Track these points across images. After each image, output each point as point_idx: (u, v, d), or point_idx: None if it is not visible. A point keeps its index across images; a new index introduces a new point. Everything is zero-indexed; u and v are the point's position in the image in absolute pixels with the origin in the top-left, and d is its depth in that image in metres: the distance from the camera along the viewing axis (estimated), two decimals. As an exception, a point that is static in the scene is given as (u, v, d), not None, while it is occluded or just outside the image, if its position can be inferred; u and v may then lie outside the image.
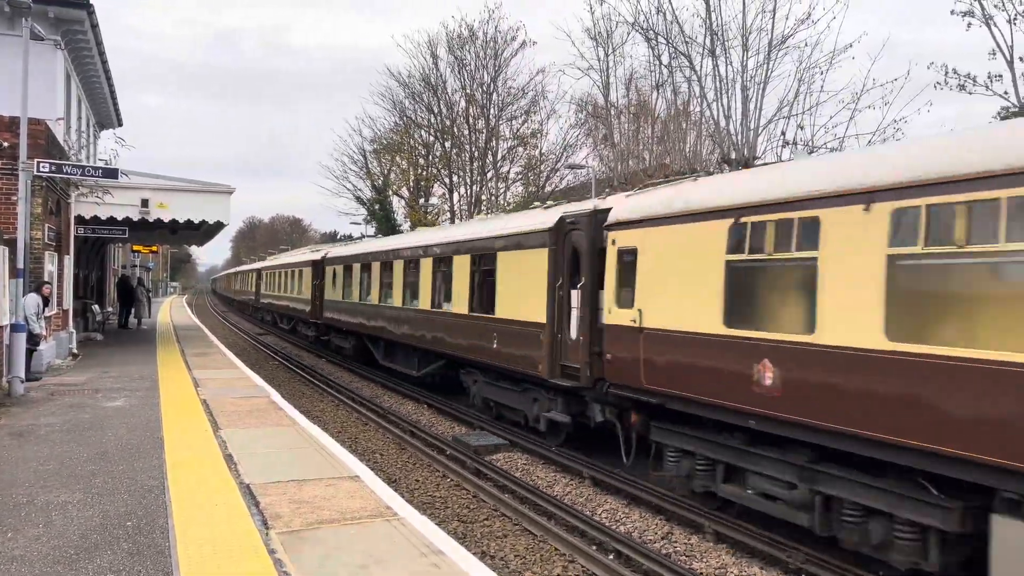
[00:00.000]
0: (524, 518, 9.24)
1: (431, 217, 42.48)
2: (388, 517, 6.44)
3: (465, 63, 41.01)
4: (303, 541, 5.78)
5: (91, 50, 21.67)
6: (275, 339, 36.91)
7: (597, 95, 35.04)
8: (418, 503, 9.73)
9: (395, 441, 13.95)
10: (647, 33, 30.51)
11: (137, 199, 19.59)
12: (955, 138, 6.68)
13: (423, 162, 43.99)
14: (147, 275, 58.32)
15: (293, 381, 21.82)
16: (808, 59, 26.41)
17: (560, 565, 7.89)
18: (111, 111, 28.88)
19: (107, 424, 10.33)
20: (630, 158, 31.93)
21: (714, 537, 8.48)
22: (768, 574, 7.55)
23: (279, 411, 11.67)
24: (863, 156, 7.70)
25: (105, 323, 29.37)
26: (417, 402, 17.89)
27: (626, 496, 10.11)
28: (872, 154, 7.72)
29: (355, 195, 48.83)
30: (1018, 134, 6.02)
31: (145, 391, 13.29)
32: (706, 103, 28.98)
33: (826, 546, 7.90)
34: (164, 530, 6.03)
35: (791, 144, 25.86)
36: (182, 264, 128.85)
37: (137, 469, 7.94)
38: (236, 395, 13.00)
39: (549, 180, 40.99)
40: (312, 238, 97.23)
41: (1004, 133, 6.31)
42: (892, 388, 6.39)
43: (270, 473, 7.76)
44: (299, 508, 6.60)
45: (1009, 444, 5.52)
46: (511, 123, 41.78)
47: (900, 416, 6.34)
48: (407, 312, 18.90)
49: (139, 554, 5.53)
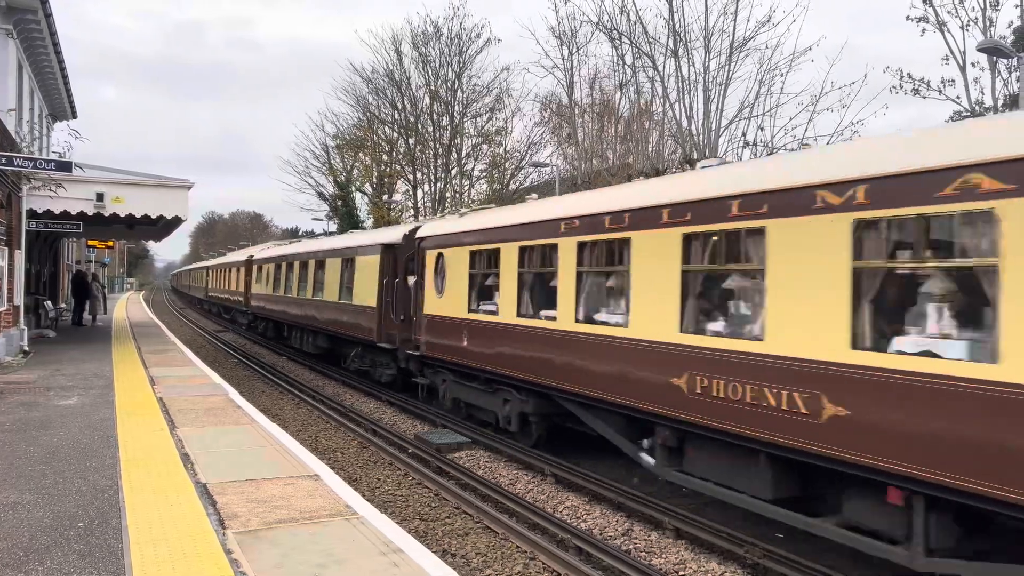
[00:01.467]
0: (486, 516, 9.23)
1: (395, 214, 42.24)
2: (348, 516, 6.38)
3: (429, 59, 40.89)
4: (260, 541, 5.70)
5: (44, 40, 21.14)
6: (234, 336, 36.41)
7: (561, 94, 35.20)
8: (379, 502, 9.67)
9: (356, 439, 13.85)
10: (611, 33, 30.72)
11: (92, 193, 19.11)
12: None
13: (387, 158, 43.72)
14: (103, 271, 57.12)
15: (253, 379, 21.53)
16: (768, 61, 26.86)
17: (521, 563, 7.89)
18: (65, 103, 28.21)
19: (59, 423, 10.09)
20: (594, 157, 32.09)
21: (674, 533, 8.57)
22: (726, 568, 7.65)
23: (237, 409, 11.51)
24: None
25: (58, 320, 28.66)
26: (379, 400, 17.78)
27: (588, 493, 10.17)
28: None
29: (317, 191, 48.38)
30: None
31: (99, 389, 13.01)
32: (669, 103, 29.28)
33: (783, 542, 8.04)
34: (117, 531, 5.91)
35: (751, 145, 26.22)
36: (139, 260, 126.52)
37: (90, 469, 7.77)
38: (193, 393, 12.79)
39: (514, 178, 41.05)
40: (273, 234, 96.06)
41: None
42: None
43: (227, 472, 7.64)
44: (257, 507, 6.51)
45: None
46: (475, 120, 41.77)
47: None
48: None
49: (91, 555, 5.41)
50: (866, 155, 6.61)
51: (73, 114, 30.09)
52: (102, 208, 19.17)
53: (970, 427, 5.51)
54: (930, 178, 5.83)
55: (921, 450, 5.81)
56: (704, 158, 25.59)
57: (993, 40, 24.20)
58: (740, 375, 7.40)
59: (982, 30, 28.85)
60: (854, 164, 6.55)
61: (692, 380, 7.97)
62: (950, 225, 5.98)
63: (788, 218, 6.98)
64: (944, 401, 5.68)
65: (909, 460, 5.89)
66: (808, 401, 6.69)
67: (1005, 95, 28.71)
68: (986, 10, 29.13)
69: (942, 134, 6.47)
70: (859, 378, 6.27)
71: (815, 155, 8.16)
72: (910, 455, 5.88)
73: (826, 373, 6.55)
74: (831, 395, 6.50)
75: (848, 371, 6.37)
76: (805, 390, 6.72)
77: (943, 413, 5.68)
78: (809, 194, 6.78)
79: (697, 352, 7.96)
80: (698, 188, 8.32)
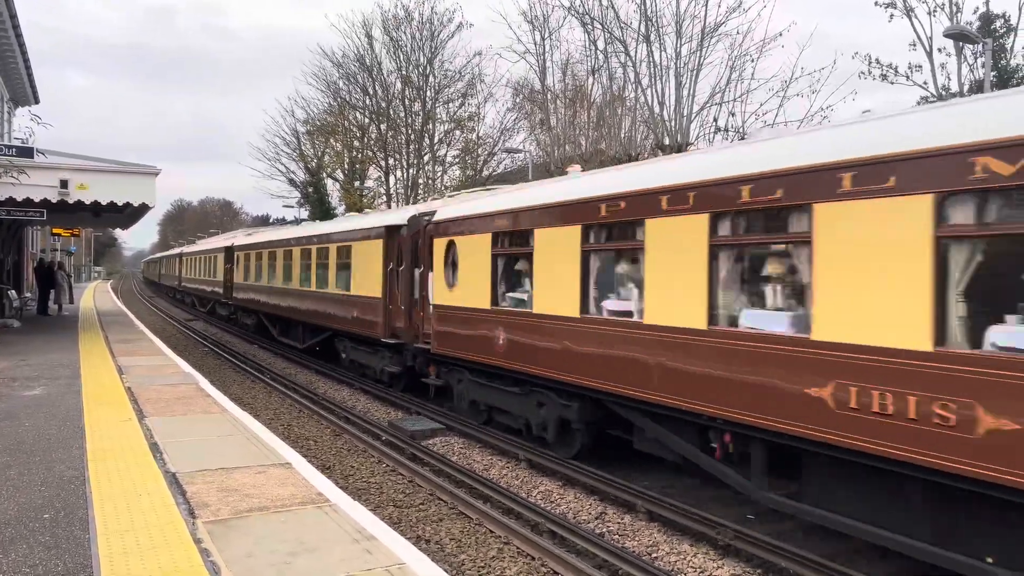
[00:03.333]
0: (460, 502, 9.23)
1: (367, 200, 41.90)
2: (320, 504, 6.34)
3: (401, 44, 40.48)
4: (231, 530, 5.64)
5: (4, 23, 20.62)
6: (204, 324, 35.99)
7: (534, 79, 35.08)
8: (352, 489, 9.62)
9: (330, 427, 13.77)
10: (583, 18, 30.62)
11: (56, 180, 18.65)
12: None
13: (358, 144, 43.29)
14: (69, 259, 56.14)
15: (223, 368, 21.31)
16: (739, 47, 26.94)
17: (495, 547, 7.91)
18: (27, 88, 27.57)
19: (24, 414, 9.90)
20: (566, 143, 32.06)
21: (646, 516, 8.63)
22: (698, 549, 7.72)
23: (208, 398, 11.37)
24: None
25: (23, 309, 28.11)
26: (352, 388, 17.70)
27: (561, 477, 10.20)
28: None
29: (288, 177, 47.81)
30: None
31: (66, 379, 12.78)
32: (641, 89, 29.30)
33: (755, 524, 8.13)
34: (84, 522, 5.81)
35: (723, 131, 26.34)
36: (107, 248, 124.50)
37: (56, 460, 7.63)
38: (163, 382, 12.62)
39: (487, 164, 40.88)
40: (244, 222, 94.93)
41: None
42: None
43: (197, 461, 7.55)
44: (227, 496, 6.44)
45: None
46: (448, 106, 41.47)
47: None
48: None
49: (57, 547, 5.32)
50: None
51: (36, 99, 29.42)
52: (66, 195, 18.73)
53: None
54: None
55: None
56: (675, 143, 25.74)
57: (959, 26, 24.52)
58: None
59: (949, 16, 29.20)
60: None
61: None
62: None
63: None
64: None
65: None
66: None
67: (971, 80, 29.13)
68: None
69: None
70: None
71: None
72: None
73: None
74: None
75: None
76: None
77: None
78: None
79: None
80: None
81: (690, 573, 7.28)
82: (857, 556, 7.31)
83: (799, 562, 6.97)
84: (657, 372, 8.31)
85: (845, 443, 6.29)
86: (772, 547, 7.29)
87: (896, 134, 6.22)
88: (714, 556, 7.58)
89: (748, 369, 7.19)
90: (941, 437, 5.61)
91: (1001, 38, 30.02)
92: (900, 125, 6.43)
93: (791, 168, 6.87)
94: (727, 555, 7.57)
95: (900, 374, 5.90)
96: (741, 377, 7.26)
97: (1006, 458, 5.24)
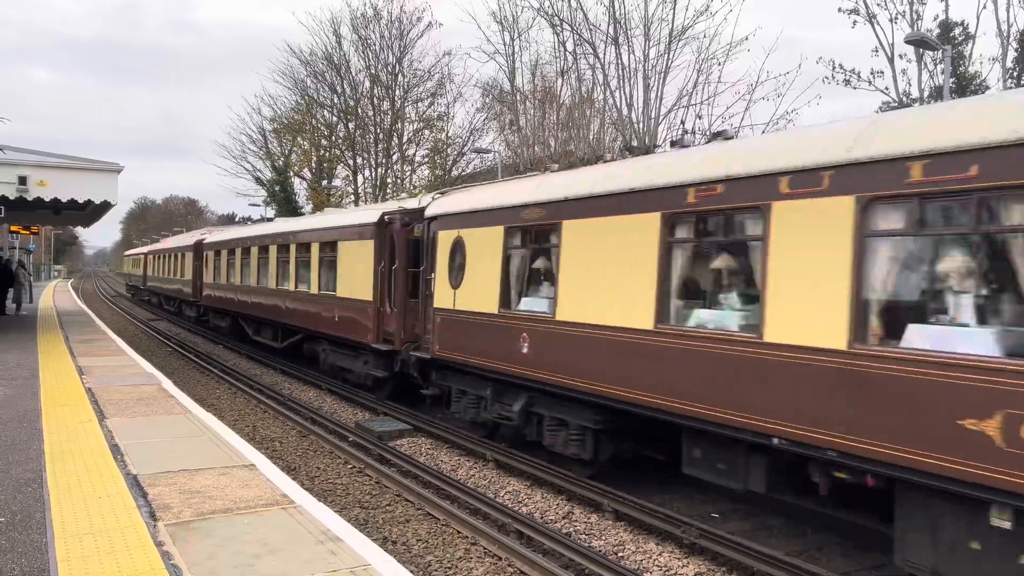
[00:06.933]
0: (427, 502, 9.20)
1: (334, 199, 41.57)
2: (285, 505, 6.27)
3: (369, 43, 40.25)
4: (193, 532, 5.56)
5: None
6: (168, 324, 35.44)
7: (503, 80, 35.13)
8: (318, 491, 9.54)
9: (296, 428, 13.63)
10: (552, 19, 30.73)
11: (14, 176, 18.22)
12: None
13: (326, 143, 42.95)
14: (28, 257, 54.92)
15: (187, 368, 21.00)
16: (707, 50, 27.23)
17: (463, 548, 7.90)
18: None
19: (-21, 415, 9.66)
20: (536, 144, 32.14)
21: (613, 515, 8.67)
22: (663, 548, 7.78)
23: (171, 399, 11.20)
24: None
25: (-21, 309, 27.41)
26: (319, 389, 17.54)
27: (529, 478, 10.22)
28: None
29: (254, 176, 47.20)
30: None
31: (23, 380, 12.50)
32: (609, 91, 29.47)
33: (719, 522, 8.22)
34: (41, 525, 5.68)
35: (690, 133, 26.58)
36: (67, 246, 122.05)
37: (12, 462, 7.46)
38: (124, 383, 12.40)
39: (456, 164, 40.80)
40: (209, 220, 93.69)
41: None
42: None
43: (159, 463, 7.43)
44: (190, 499, 6.35)
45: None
46: (417, 105, 41.33)
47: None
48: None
49: (12, 551, 5.20)
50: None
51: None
52: (25, 192, 18.30)
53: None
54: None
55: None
56: (643, 145, 25.91)
57: (920, 32, 25.01)
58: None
59: (910, 23, 29.80)
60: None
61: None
62: None
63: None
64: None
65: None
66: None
67: (931, 87, 29.75)
68: (914, 3, 30.05)
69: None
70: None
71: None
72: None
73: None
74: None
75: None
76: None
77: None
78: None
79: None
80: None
81: (656, 572, 7.33)
82: (819, 554, 7.43)
83: (764, 560, 7.06)
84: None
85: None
86: (737, 545, 7.37)
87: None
88: (680, 555, 7.65)
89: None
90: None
91: (960, 45, 30.69)
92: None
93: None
94: (692, 553, 7.64)
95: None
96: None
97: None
